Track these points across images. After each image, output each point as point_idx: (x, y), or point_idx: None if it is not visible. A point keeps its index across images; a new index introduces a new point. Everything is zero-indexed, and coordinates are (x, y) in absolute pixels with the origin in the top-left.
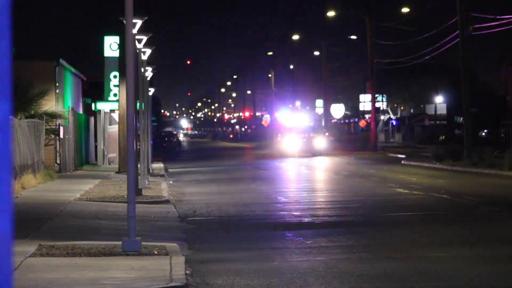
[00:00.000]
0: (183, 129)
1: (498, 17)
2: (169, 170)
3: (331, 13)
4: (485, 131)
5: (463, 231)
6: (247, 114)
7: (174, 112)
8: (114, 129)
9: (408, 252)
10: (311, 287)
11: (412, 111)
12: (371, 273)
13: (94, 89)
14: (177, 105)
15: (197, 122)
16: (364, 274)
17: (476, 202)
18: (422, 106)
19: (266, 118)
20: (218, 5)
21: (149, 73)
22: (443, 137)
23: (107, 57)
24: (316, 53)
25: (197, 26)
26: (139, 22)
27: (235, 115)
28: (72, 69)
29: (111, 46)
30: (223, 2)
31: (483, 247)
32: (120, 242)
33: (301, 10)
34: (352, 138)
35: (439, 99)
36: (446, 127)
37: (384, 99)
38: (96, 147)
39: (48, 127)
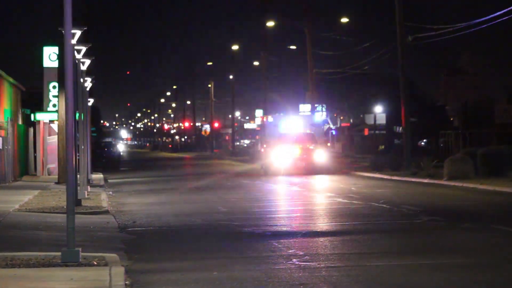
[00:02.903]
0: (123, 139)
1: (436, 27)
2: (109, 180)
3: (270, 23)
4: (425, 140)
5: (402, 240)
6: (187, 124)
7: (114, 123)
8: (53, 139)
9: (348, 261)
10: None
11: (351, 121)
12: (312, 282)
13: (34, 100)
14: (116, 115)
15: (137, 133)
16: (305, 283)
17: (415, 211)
18: (361, 116)
19: (206, 129)
20: (157, 16)
21: (88, 83)
22: (383, 147)
23: (46, 68)
24: (256, 63)
25: (137, 36)
26: (78, 33)
27: (175, 125)
28: (11, 80)
29: (50, 56)
30: (162, 14)
31: (421, 256)
32: (59, 253)
33: (242, 19)
34: None
35: (378, 108)
36: (386, 136)
37: (324, 109)
38: (35, 157)
39: None
